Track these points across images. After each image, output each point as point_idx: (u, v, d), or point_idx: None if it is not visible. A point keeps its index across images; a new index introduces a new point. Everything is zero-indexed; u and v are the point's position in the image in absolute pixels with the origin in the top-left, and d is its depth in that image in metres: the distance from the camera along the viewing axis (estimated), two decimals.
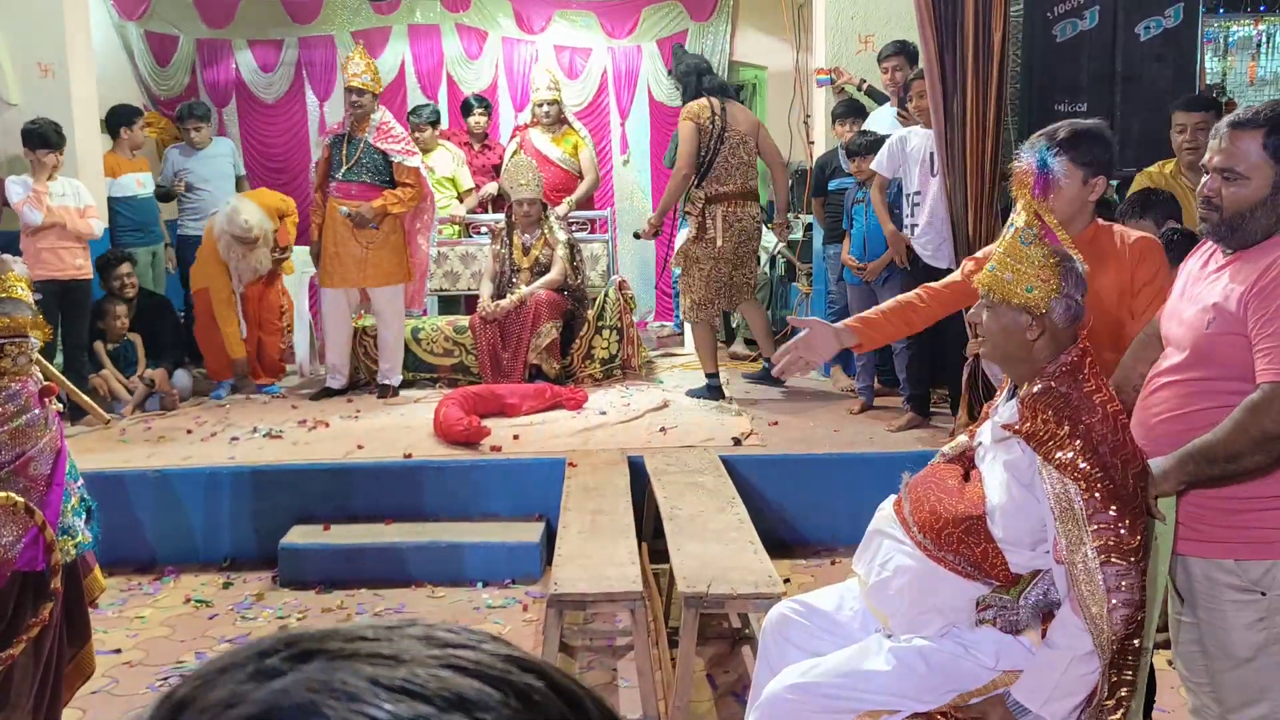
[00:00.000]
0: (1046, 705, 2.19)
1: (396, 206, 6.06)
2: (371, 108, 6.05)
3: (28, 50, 6.47)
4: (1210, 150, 2.27)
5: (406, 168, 6.08)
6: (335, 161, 6.05)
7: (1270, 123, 2.17)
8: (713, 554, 3.43)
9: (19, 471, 2.56)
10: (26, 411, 2.60)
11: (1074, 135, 2.65)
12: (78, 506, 2.79)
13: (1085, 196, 2.71)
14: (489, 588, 4.44)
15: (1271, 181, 2.17)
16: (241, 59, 8.72)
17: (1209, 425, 2.20)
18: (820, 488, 4.83)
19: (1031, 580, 2.28)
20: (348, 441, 5.22)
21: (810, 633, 2.51)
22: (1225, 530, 2.25)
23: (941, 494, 2.37)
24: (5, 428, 2.56)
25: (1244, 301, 2.17)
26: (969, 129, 4.57)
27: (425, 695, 0.56)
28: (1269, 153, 2.17)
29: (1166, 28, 5.35)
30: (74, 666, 2.82)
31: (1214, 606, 2.27)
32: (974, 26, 4.50)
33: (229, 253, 6.19)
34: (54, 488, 2.64)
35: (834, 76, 6.27)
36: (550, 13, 8.62)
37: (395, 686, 0.56)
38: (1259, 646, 2.23)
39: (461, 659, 0.58)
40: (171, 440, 5.33)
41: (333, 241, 6.05)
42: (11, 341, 2.43)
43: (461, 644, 0.60)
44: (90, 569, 2.86)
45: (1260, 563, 2.21)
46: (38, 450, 2.62)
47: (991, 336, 2.32)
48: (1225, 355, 2.22)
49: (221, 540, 4.79)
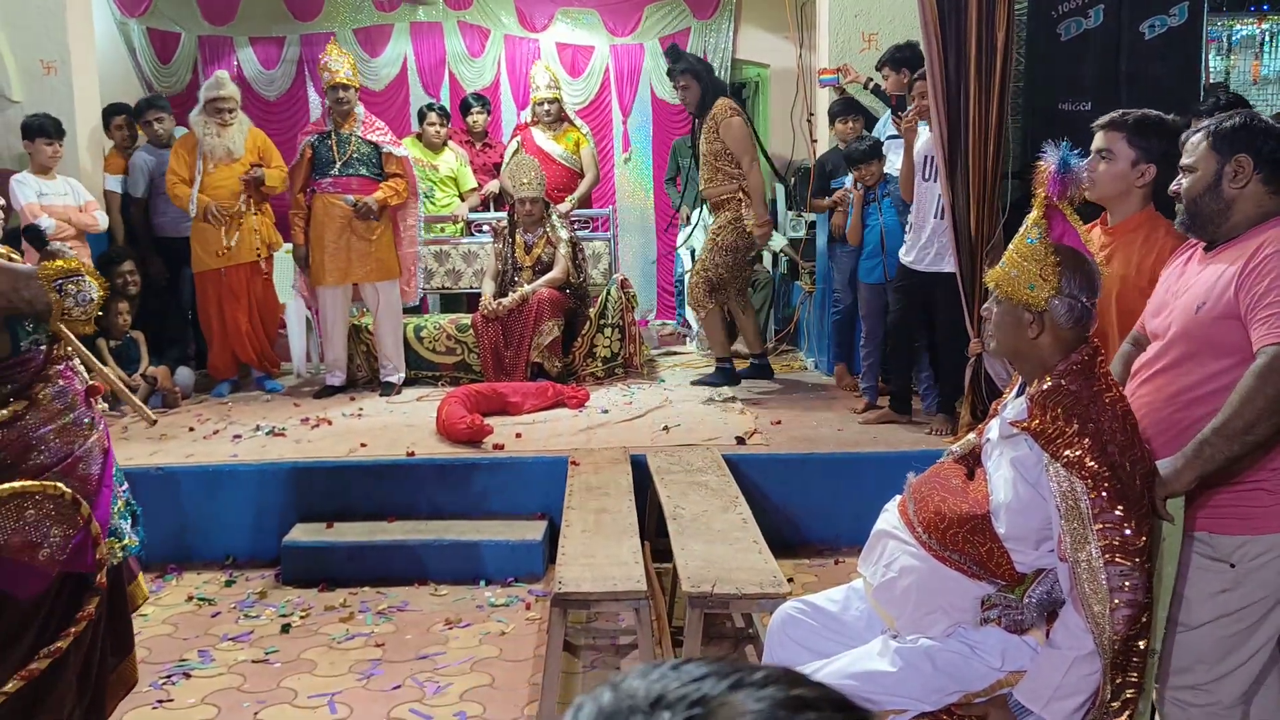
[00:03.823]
0: (1048, 706, 2.18)
1: (395, 199, 6.13)
2: (355, 102, 6.08)
3: (30, 47, 6.47)
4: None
5: (396, 157, 6.16)
6: (325, 159, 6.04)
7: (1209, 126, 2.45)
8: (717, 554, 3.42)
9: (67, 471, 2.53)
10: (73, 410, 2.58)
11: (1140, 119, 2.83)
12: (124, 510, 2.77)
13: (1132, 179, 2.83)
14: (492, 586, 4.44)
15: (1215, 170, 2.38)
16: (243, 56, 8.72)
17: (1192, 406, 2.32)
18: (824, 487, 4.82)
19: (1036, 579, 2.28)
20: (350, 439, 5.22)
21: (816, 633, 2.51)
22: (1204, 508, 2.34)
23: (946, 494, 2.37)
24: (53, 426, 2.53)
25: (1235, 282, 2.27)
26: (972, 129, 4.55)
27: None
28: (1211, 146, 2.41)
29: (1171, 26, 5.35)
30: (117, 677, 2.79)
31: (1182, 572, 2.36)
32: (977, 25, 4.49)
33: (204, 129, 6.10)
34: (103, 489, 2.62)
35: (841, 76, 6.26)
36: (553, 10, 8.62)
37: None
38: (1212, 615, 2.32)
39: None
40: (174, 438, 5.33)
41: (328, 238, 6.04)
42: (70, 280, 2.43)
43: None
44: (134, 576, 2.84)
45: (1234, 538, 2.31)
46: (85, 450, 2.59)
47: (997, 331, 2.35)
48: (1214, 336, 2.31)
49: (224, 538, 4.78)
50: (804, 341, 7.29)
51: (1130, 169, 2.84)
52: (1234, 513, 2.31)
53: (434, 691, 3.54)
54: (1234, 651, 2.32)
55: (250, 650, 3.88)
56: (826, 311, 6.50)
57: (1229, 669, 2.33)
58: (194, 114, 6.26)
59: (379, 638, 3.96)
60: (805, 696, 0.69)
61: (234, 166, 6.12)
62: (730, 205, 5.90)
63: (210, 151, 6.09)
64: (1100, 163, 2.86)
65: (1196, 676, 2.35)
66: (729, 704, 0.68)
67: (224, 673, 3.71)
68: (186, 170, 6.10)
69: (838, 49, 6.43)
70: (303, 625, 4.10)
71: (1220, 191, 2.38)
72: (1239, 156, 2.35)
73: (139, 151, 6.65)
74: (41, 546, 2.48)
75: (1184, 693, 2.37)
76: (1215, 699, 2.34)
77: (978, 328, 4.53)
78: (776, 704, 0.68)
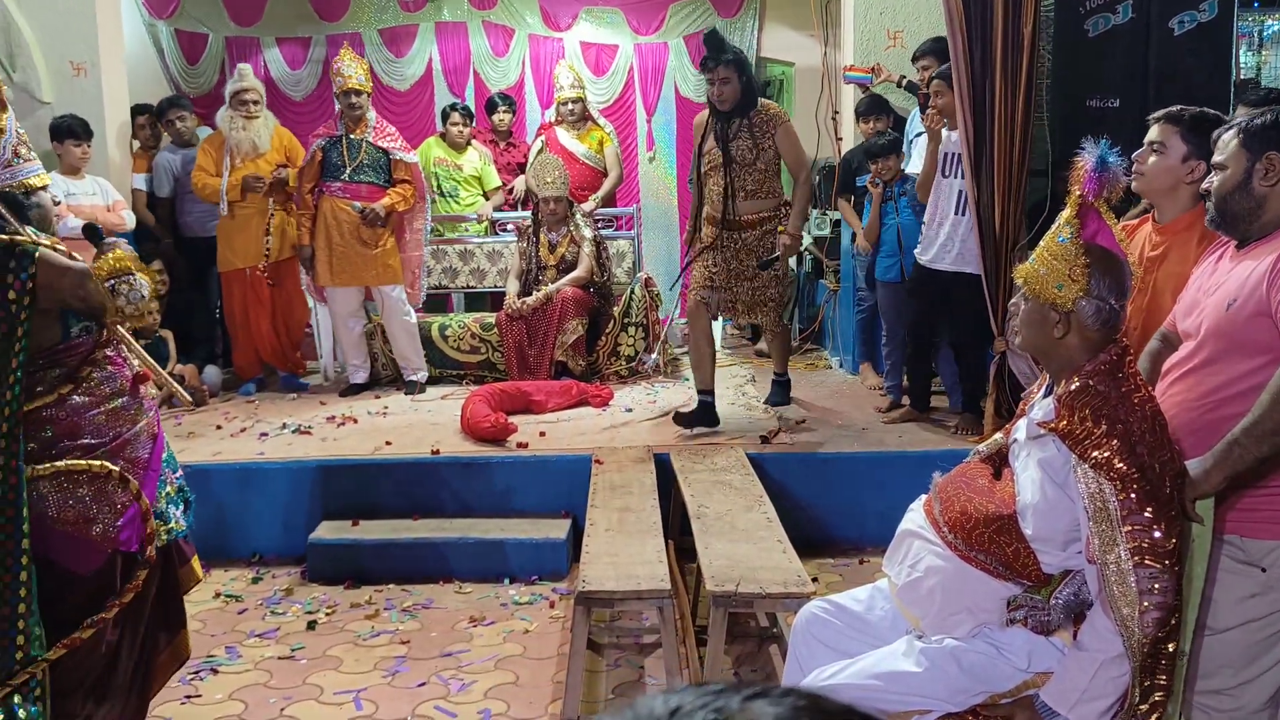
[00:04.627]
0: (1075, 708, 2.16)
1: (402, 205, 6.16)
2: (367, 108, 6.12)
3: (60, 49, 6.53)
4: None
5: (405, 164, 6.18)
6: (335, 164, 6.08)
7: (1240, 123, 2.45)
8: (741, 553, 3.42)
9: (116, 452, 2.63)
10: (121, 395, 2.67)
11: (1198, 115, 2.82)
12: (174, 495, 2.87)
13: (1181, 175, 2.81)
14: (516, 584, 4.45)
15: (1245, 168, 2.38)
16: (270, 56, 8.79)
17: (1223, 406, 2.29)
18: (848, 486, 4.80)
19: (1063, 580, 2.26)
20: (376, 437, 5.24)
21: (840, 633, 2.49)
22: (1234, 510, 2.32)
23: (972, 493, 2.35)
24: (102, 409, 2.63)
25: (1266, 279, 2.26)
26: (998, 125, 4.53)
27: None
28: (1241, 144, 2.41)
29: (1201, 22, 5.28)
30: (170, 653, 2.92)
31: (1211, 575, 2.34)
32: (1004, 21, 4.46)
33: (230, 124, 6.17)
34: (150, 472, 2.72)
35: (874, 76, 6.23)
36: (577, 10, 8.63)
37: None
38: (1240, 619, 2.30)
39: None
40: (201, 436, 5.37)
41: (336, 241, 6.07)
42: (122, 280, 2.49)
43: None
44: (188, 559, 2.94)
45: (1267, 542, 2.29)
46: (134, 434, 2.69)
47: (1023, 327, 2.33)
48: (1245, 334, 2.29)
49: (251, 535, 4.82)
50: (829, 340, 7.27)
51: (1181, 164, 2.81)
52: (1267, 516, 2.28)
53: (459, 689, 3.55)
54: (1261, 656, 2.30)
55: (277, 647, 3.91)
56: (851, 310, 6.48)
57: (1255, 674, 2.30)
58: (221, 111, 6.33)
59: (404, 635, 3.98)
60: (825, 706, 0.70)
61: (259, 163, 6.17)
62: (764, 225, 5.11)
63: (236, 146, 6.15)
64: (1151, 155, 2.84)
65: (1222, 681, 2.33)
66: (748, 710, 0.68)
67: (251, 669, 3.74)
68: (214, 166, 6.17)
69: (863, 46, 6.40)
70: (328, 622, 4.12)
71: (1251, 189, 2.36)
72: (1270, 154, 2.33)
73: (162, 152, 6.72)
74: (95, 522, 2.60)
75: (1209, 697, 2.35)
76: (1240, 704, 2.31)
77: (1002, 325, 4.50)
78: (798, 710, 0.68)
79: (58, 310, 2.57)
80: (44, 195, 2.69)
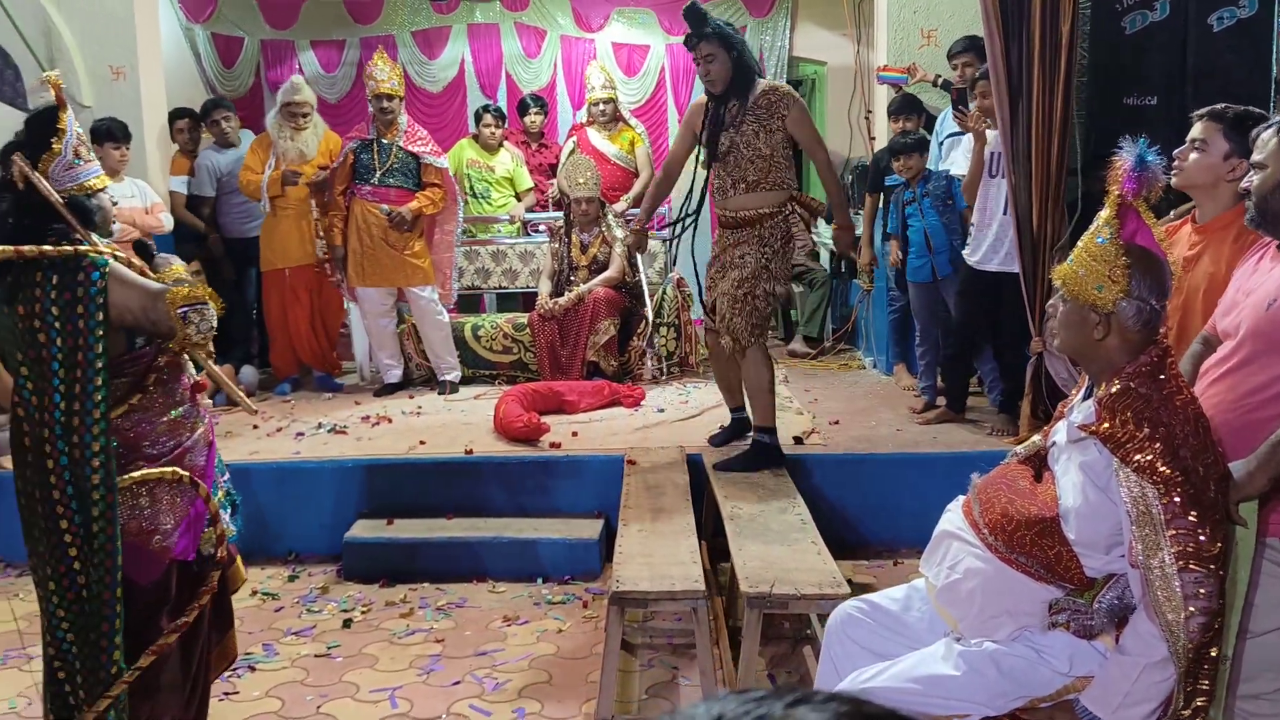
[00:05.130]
0: (1117, 713, 2.14)
1: (430, 208, 6.20)
2: (400, 112, 6.16)
3: (100, 53, 6.62)
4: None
5: (435, 168, 6.20)
6: (366, 167, 6.12)
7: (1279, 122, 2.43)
8: (775, 554, 3.41)
9: (176, 461, 2.66)
10: (182, 404, 2.70)
11: (1242, 114, 2.81)
12: (224, 500, 2.90)
13: (1222, 173, 2.80)
14: (549, 583, 4.46)
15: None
16: (304, 59, 8.87)
17: (1263, 406, 2.27)
18: (883, 487, 4.78)
19: (1106, 584, 2.23)
20: (410, 437, 5.27)
21: (876, 633, 2.48)
22: (1278, 513, 2.28)
23: (1013, 495, 2.32)
24: (165, 418, 2.65)
25: None
26: (1035, 124, 4.48)
27: None
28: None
29: (1240, 18, 5.20)
30: (219, 652, 2.95)
31: (1253, 579, 2.30)
32: (1041, 19, 4.42)
33: (279, 131, 6.25)
34: (205, 479, 2.75)
35: (909, 77, 6.19)
36: (609, 10, 8.64)
37: None
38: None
39: None
40: (238, 435, 5.43)
41: (366, 243, 6.11)
42: (195, 309, 2.51)
43: None
44: (233, 560, 2.97)
45: None
46: (193, 442, 2.73)
47: (1061, 329, 2.30)
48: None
49: (287, 534, 4.86)
50: (862, 341, 7.24)
51: (1222, 162, 2.79)
52: None
53: (493, 688, 3.57)
54: None
55: (313, 645, 3.95)
56: (884, 310, 6.44)
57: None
58: (270, 116, 6.40)
59: (438, 634, 4.01)
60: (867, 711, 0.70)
61: (304, 169, 6.23)
62: (767, 222, 4.42)
63: (283, 154, 6.23)
64: (1192, 152, 2.82)
65: (1262, 685, 2.30)
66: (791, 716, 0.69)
67: (287, 666, 3.77)
68: (260, 166, 6.26)
69: (896, 45, 6.37)
70: (364, 620, 4.15)
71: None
72: None
73: (205, 152, 6.76)
74: (155, 534, 2.63)
75: (1250, 702, 2.32)
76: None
77: (1039, 325, 4.46)
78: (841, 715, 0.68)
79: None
80: (103, 197, 2.67)
